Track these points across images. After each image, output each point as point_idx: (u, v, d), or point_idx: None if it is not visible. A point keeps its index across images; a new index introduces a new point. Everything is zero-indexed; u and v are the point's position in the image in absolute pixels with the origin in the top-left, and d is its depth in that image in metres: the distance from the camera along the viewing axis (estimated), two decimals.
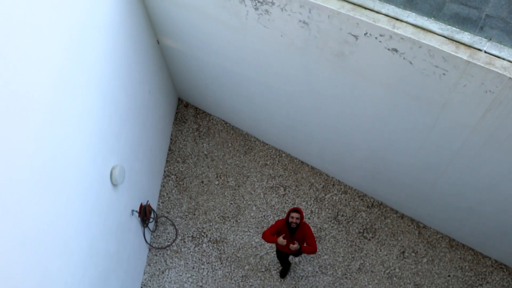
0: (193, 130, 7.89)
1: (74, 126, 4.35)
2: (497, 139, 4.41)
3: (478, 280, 6.45)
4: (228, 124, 7.90)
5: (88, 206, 4.74)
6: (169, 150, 7.72)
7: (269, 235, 5.38)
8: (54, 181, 4.01)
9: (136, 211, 6.18)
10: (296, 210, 5.32)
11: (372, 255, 6.73)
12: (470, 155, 4.86)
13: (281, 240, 5.25)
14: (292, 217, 5.28)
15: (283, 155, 7.56)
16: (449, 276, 6.51)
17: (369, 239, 6.84)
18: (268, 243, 6.46)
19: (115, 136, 5.38)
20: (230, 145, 7.72)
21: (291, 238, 5.40)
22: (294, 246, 5.23)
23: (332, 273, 6.64)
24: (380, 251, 6.75)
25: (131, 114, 5.86)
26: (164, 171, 7.53)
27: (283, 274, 6.56)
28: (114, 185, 5.38)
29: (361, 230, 6.91)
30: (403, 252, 6.72)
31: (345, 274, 6.63)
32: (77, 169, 4.46)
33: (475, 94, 4.08)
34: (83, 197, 4.61)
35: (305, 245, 5.45)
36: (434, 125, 4.80)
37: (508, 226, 5.60)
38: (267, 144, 7.66)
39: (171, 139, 7.82)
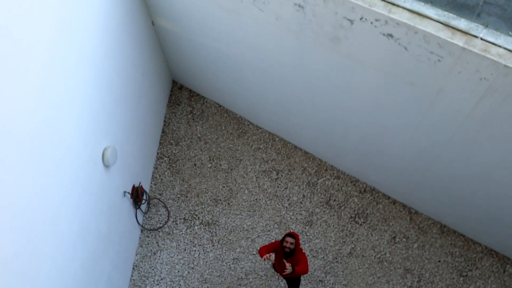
0: (187, 113, 7.84)
1: (65, 106, 4.29)
2: (490, 127, 4.41)
3: (468, 265, 6.52)
4: (222, 107, 7.86)
5: (79, 186, 4.72)
6: (163, 132, 7.67)
7: (264, 251, 5.23)
8: (44, 161, 3.98)
9: (128, 193, 6.17)
10: (292, 235, 5.21)
11: (363, 240, 6.78)
12: (464, 142, 4.86)
13: (267, 256, 4.98)
14: (287, 242, 5.17)
15: (277, 139, 7.54)
16: (439, 261, 6.58)
17: (361, 224, 6.88)
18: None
19: (108, 117, 5.33)
20: (223, 128, 7.68)
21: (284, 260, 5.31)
22: (287, 270, 4.92)
23: (323, 257, 6.69)
24: (372, 236, 6.80)
25: (124, 95, 5.79)
26: (157, 153, 7.50)
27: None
28: (106, 166, 5.35)
29: (353, 215, 6.94)
30: (394, 237, 6.77)
31: (336, 258, 6.69)
32: (68, 150, 4.42)
33: (469, 81, 4.06)
34: (74, 177, 4.58)
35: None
36: (428, 111, 4.78)
37: (499, 213, 5.65)
38: (260, 128, 7.64)
39: (164, 121, 7.77)
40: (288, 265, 4.95)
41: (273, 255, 5.04)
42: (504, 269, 6.47)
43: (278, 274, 5.84)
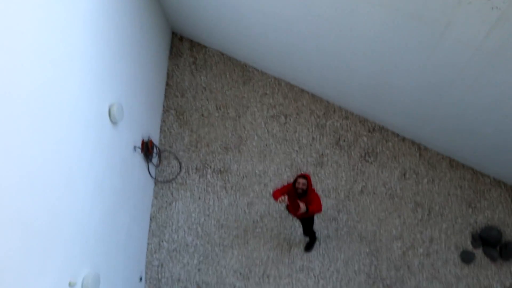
0: (190, 64, 7.72)
1: (66, 65, 4.23)
2: (501, 58, 4.30)
3: (477, 197, 6.62)
4: (225, 55, 7.71)
5: (89, 145, 4.75)
6: (167, 85, 7.60)
7: (278, 193, 5.34)
8: (52, 122, 3.98)
9: (139, 147, 6.22)
10: (304, 176, 5.29)
11: (374, 178, 6.87)
12: (473, 75, 4.77)
13: (282, 199, 5.11)
14: (299, 183, 5.27)
15: (283, 83, 7.45)
16: (448, 194, 6.69)
17: (371, 163, 6.94)
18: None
19: (110, 74, 5.26)
20: (228, 76, 7.58)
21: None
22: (301, 210, 5.09)
23: (335, 196, 6.82)
24: (382, 173, 6.87)
25: (124, 50, 5.68)
26: (164, 106, 7.48)
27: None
28: (114, 123, 5.36)
29: (363, 154, 6.99)
30: (404, 174, 6.84)
31: (348, 197, 6.82)
32: (74, 109, 4.40)
33: (480, 12, 3.91)
34: (83, 136, 4.61)
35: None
36: (437, 46, 4.65)
37: (507, 145, 5.64)
38: (265, 74, 7.53)
39: (167, 73, 7.67)
40: (302, 204, 5.08)
41: (286, 197, 5.16)
42: None
43: (292, 215, 5.99)
